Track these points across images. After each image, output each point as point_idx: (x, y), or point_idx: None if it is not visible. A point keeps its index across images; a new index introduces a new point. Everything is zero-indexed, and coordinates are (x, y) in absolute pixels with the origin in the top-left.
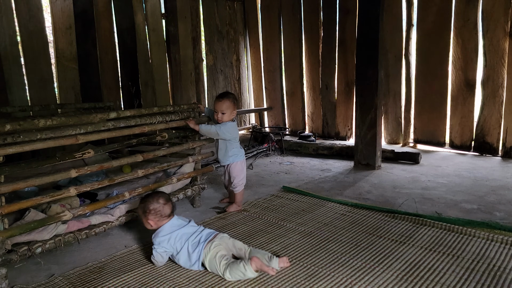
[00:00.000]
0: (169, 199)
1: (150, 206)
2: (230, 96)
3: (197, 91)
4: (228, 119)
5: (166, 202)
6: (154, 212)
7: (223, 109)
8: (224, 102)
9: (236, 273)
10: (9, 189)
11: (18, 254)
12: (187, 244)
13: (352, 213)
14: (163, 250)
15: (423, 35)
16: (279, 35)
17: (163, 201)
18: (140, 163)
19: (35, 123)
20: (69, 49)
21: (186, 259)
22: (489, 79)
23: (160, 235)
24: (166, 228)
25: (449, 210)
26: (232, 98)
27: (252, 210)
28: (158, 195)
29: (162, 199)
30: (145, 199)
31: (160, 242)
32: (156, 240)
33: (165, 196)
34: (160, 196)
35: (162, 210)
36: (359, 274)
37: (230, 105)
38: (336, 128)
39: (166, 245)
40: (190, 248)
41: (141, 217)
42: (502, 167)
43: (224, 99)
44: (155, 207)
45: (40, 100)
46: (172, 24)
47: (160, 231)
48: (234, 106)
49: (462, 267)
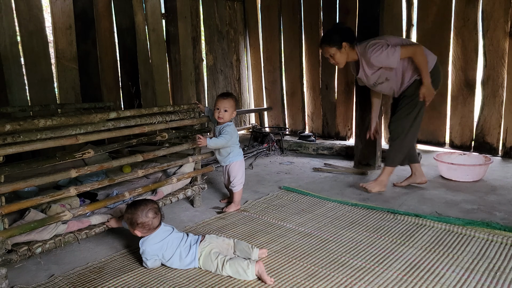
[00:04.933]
0: (158, 211)
1: (138, 220)
2: (234, 96)
3: (197, 91)
4: (229, 119)
5: (155, 216)
6: (142, 226)
7: (227, 106)
8: (229, 101)
9: (236, 268)
10: (9, 189)
11: (18, 254)
12: (179, 250)
13: (352, 213)
14: (154, 258)
15: (423, 35)
16: (279, 35)
17: (152, 215)
18: (140, 163)
19: (35, 123)
20: (69, 49)
21: (179, 264)
22: (489, 79)
23: (152, 242)
24: (156, 237)
25: (449, 210)
26: (233, 97)
27: (252, 210)
28: (147, 207)
29: (151, 213)
30: (133, 210)
31: (150, 251)
32: (146, 249)
33: (154, 208)
34: (150, 210)
35: (151, 224)
36: (359, 274)
37: (233, 104)
38: (336, 128)
39: (158, 253)
40: (183, 253)
41: (128, 226)
42: (502, 167)
43: (229, 98)
44: (144, 221)
45: (40, 100)
46: (172, 24)
47: (151, 239)
48: (235, 107)
49: (462, 267)
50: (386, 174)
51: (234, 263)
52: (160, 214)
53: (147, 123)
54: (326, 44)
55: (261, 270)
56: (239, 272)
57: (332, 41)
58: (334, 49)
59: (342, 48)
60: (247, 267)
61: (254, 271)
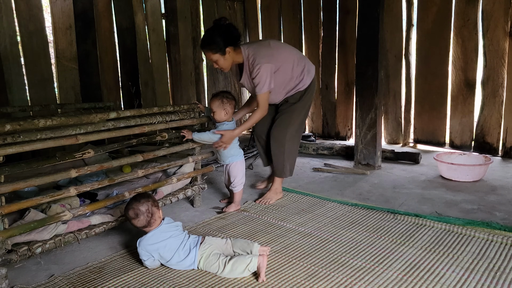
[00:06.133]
0: (150, 206)
1: (134, 223)
2: (220, 96)
3: (197, 91)
4: (224, 118)
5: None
6: (140, 227)
7: (213, 107)
8: (214, 102)
9: (238, 265)
10: (9, 189)
11: (18, 254)
12: (178, 252)
13: (352, 213)
14: (151, 259)
15: (423, 35)
16: (279, 35)
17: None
18: (140, 163)
19: (35, 123)
20: (69, 49)
21: (178, 266)
22: (489, 79)
23: (147, 243)
24: (152, 237)
25: (449, 210)
26: (221, 97)
27: (252, 210)
28: (149, 199)
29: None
30: (127, 215)
31: (145, 252)
32: (141, 250)
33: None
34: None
35: (148, 222)
36: (359, 274)
37: (219, 104)
38: (336, 128)
39: (154, 254)
40: (182, 255)
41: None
42: (502, 167)
43: (214, 99)
44: (138, 224)
45: (40, 100)
46: (172, 24)
47: (147, 239)
48: (226, 105)
49: (462, 267)
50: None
51: (235, 263)
52: (153, 207)
53: (147, 123)
54: (208, 49)
55: (262, 265)
56: (242, 269)
57: (215, 47)
58: (217, 55)
59: (226, 54)
60: (250, 261)
61: (256, 263)
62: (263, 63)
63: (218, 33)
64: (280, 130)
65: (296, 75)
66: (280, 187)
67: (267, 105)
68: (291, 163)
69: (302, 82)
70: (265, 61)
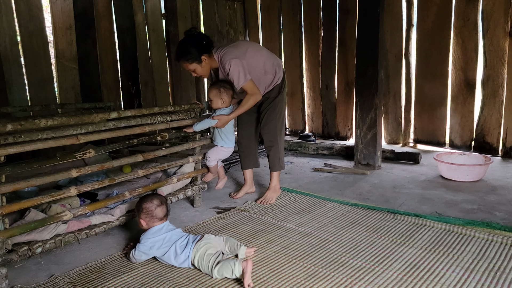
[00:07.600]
0: (164, 203)
1: (143, 205)
2: (217, 85)
3: (197, 91)
4: (219, 107)
5: (160, 204)
6: (146, 211)
7: (211, 96)
8: (211, 91)
9: (223, 270)
10: (9, 189)
11: (18, 254)
12: (175, 246)
13: (352, 213)
14: (144, 251)
15: (423, 35)
16: (279, 35)
17: (157, 202)
18: (140, 163)
19: (36, 123)
20: (69, 49)
21: (173, 260)
22: (489, 79)
23: (148, 235)
24: (154, 229)
25: (449, 210)
26: (219, 87)
27: (252, 210)
28: (155, 197)
29: (156, 201)
30: (142, 198)
31: (145, 242)
32: (142, 239)
33: (161, 199)
34: (155, 198)
35: (154, 211)
36: (359, 274)
37: (216, 94)
38: (336, 128)
39: (150, 251)
40: (178, 249)
41: (136, 216)
42: (502, 167)
43: (211, 87)
44: (147, 206)
45: (40, 100)
46: (172, 24)
47: (148, 232)
48: (223, 94)
49: (462, 267)
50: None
51: (222, 266)
52: (166, 206)
53: (147, 123)
54: (184, 60)
55: (247, 270)
56: (228, 271)
57: (190, 57)
58: (194, 64)
59: (202, 62)
60: (234, 266)
61: (240, 269)
62: (231, 59)
63: (191, 43)
64: (270, 126)
65: (269, 69)
66: (278, 184)
67: (257, 90)
68: (283, 155)
69: (277, 76)
70: (232, 57)
